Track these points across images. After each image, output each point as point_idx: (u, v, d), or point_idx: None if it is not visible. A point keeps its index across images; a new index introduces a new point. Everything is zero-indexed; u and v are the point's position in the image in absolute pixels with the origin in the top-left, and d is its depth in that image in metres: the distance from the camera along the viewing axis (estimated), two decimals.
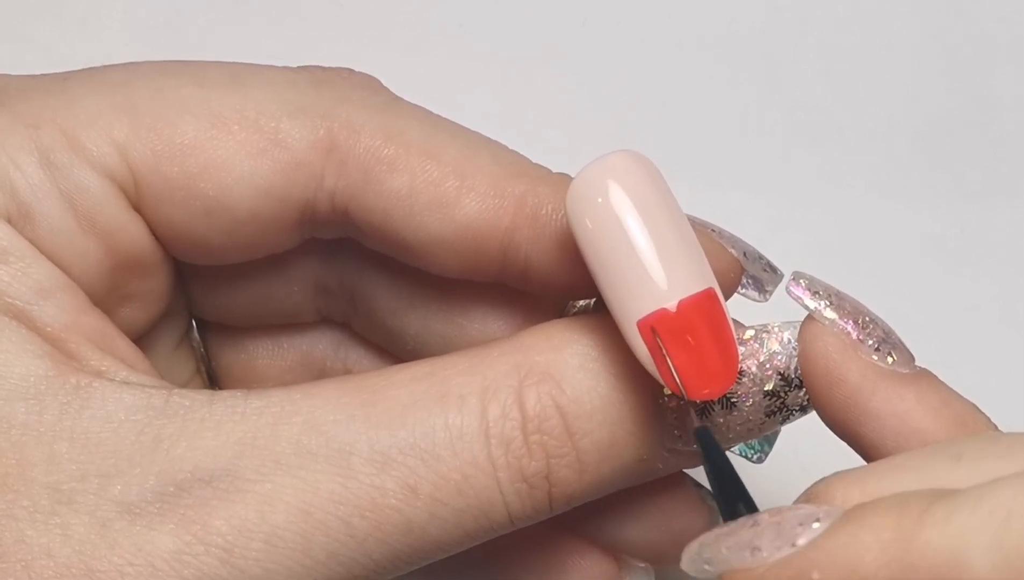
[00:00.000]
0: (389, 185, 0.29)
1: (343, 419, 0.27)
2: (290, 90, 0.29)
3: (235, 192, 0.29)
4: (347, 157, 0.29)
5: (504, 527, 0.28)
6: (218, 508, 0.26)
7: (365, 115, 0.29)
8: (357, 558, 0.27)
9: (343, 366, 0.35)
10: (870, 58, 0.43)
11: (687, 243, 0.27)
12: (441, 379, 0.28)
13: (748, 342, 0.29)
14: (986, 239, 0.42)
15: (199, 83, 0.29)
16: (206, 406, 0.27)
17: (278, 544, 0.26)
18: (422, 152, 0.29)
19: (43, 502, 0.26)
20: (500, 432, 0.27)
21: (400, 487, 0.27)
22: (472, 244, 0.29)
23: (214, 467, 0.26)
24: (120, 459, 0.26)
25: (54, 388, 0.26)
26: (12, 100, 0.28)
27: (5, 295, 0.27)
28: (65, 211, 0.28)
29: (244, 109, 0.29)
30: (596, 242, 0.27)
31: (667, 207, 0.27)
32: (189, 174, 0.28)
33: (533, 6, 0.43)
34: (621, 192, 0.27)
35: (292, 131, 0.29)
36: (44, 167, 0.28)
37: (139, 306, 0.31)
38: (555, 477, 0.28)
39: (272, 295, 0.33)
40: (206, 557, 0.26)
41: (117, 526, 0.26)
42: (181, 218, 0.29)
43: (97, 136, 0.28)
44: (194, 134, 0.28)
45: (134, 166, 0.28)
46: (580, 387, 0.28)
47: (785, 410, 0.29)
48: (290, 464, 0.26)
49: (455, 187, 0.29)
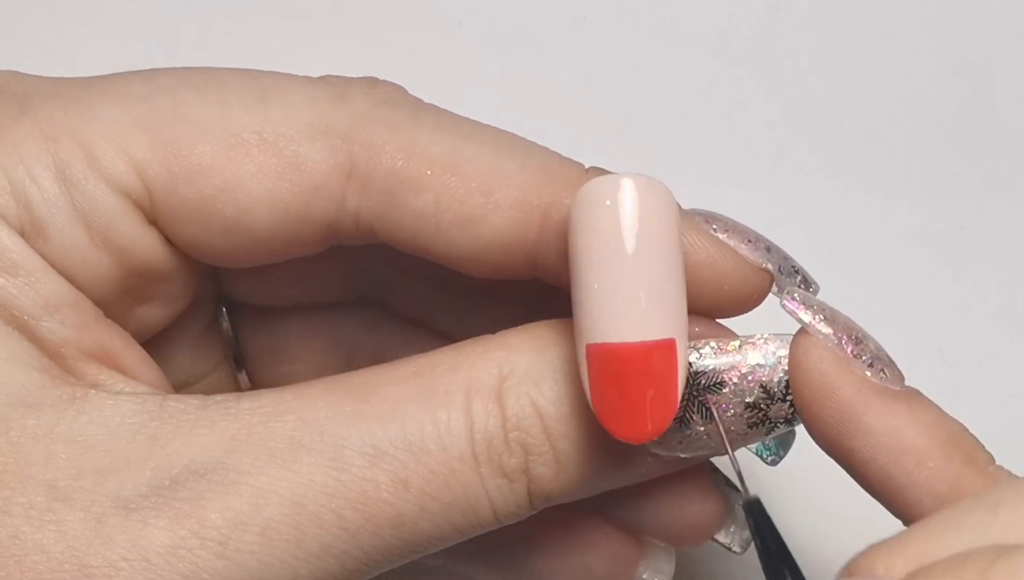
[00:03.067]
0: (414, 205, 0.29)
1: (335, 415, 0.27)
2: (311, 109, 0.29)
3: (253, 214, 0.29)
4: (369, 179, 0.29)
5: (491, 523, 0.28)
6: (212, 501, 0.26)
7: (387, 133, 0.29)
8: (349, 550, 0.27)
9: (374, 346, 0.35)
10: (870, 55, 0.43)
11: (671, 285, 0.27)
12: (429, 376, 0.28)
13: (731, 353, 0.29)
14: (986, 236, 0.42)
15: (221, 100, 0.29)
16: (200, 408, 0.27)
17: (272, 536, 0.26)
18: (446, 168, 0.29)
19: (39, 499, 0.26)
20: (483, 428, 0.28)
21: (391, 480, 0.27)
22: (500, 257, 0.29)
23: (208, 461, 0.26)
24: (116, 457, 0.26)
25: (51, 397, 0.27)
26: (35, 107, 0.28)
27: (11, 308, 0.27)
28: (78, 226, 0.28)
29: (263, 131, 0.29)
30: (587, 252, 0.27)
31: (669, 245, 0.27)
32: (205, 196, 0.28)
33: (532, 4, 0.43)
34: (632, 211, 0.27)
35: (311, 154, 0.29)
36: (60, 182, 0.28)
37: (159, 305, 0.31)
38: (533, 474, 0.28)
39: (309, 277, 0.34)
40: (201, 551, 0.26)
41: (112, 521, 0.26)
42: (199, 234, 0.29)
43: (114, 153, 0.28)
44: (212, 156, 0.28)
45: (150, 185, 0.28)
46: (559, 389, 0.28)
47: (768, 422, 0.29)
48: (284, 457, 0.27)
49: (481, 204, 0.29)
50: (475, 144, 0.29)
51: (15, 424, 0.26)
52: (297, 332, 0.35)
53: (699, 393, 0.29)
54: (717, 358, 0.29)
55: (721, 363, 0.29)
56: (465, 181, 0.29)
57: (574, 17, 0.43)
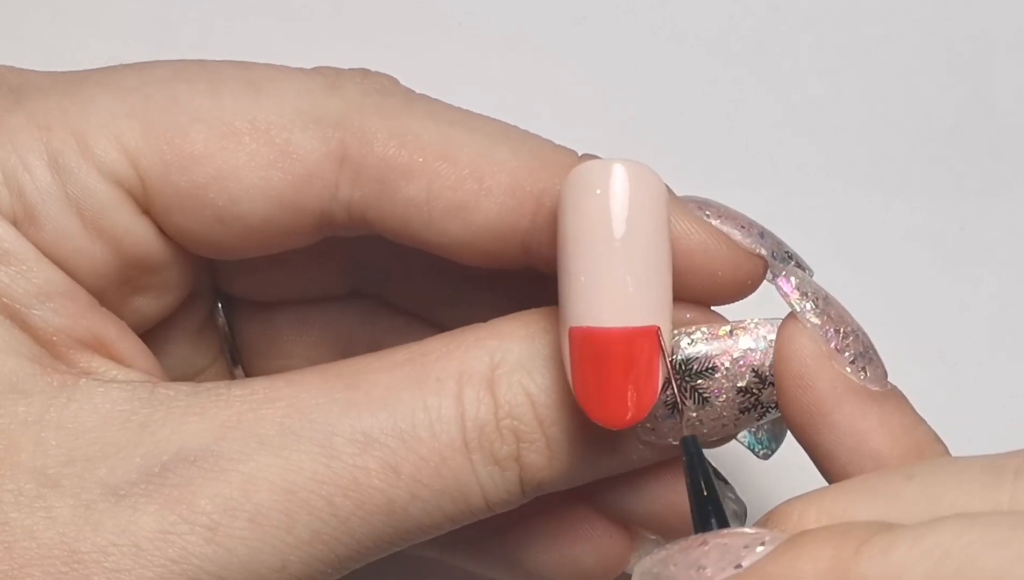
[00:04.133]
0: (406, 192, 0.29)
1: (325, 402, 0.27)
2: (303, 98, 0.29)
3: (245, 202, 0.29)
4: (361, 167, 0.29)
5: (482, 511, 0.28)
6: (202, 487, 0.26)
7: (378, 121, 0.29)
8: (340, 537, 0.27)
9: (370, 338, 0.35)
10: (870, 55, 0.43)
11: (658, 271, 0.27)
12: (420, 364, 0.28)
13: (722, 338, 0.29)
14: (986, 236, 0.42)
15: (213, 90, 0.29)
16: (191, 395, 0.27)
17: (262, 523, 0.26)
18: (438, 155, 0.29)
19: (28, 486, 0.26)
20: (475, 416, 0.28)
21: (382, 467, 0.27)
22: (493, 244, 0.29)
23: (198, 447, 0.26)
24: (106, 444, 0.26)
25: (41, 385, 0.27)
26: (30, 99, 0.28)
27: (3, 296, 0.27)
28: (72, 215, 0.28)
29: (256, 120, 0.28)
30: (574, 235, 0.27)
31: (656, 231, 0.27)
32: (198, 184, 0.28)
33: (532, 4, 0.43)
34: (621, 196, 0.27)
35: (304, 142, 0.29)
36: (53, 170, 0.28)
37: (154, 295, 0.31)
38: (524, 461, 0.28)
39: (304, 271, 0.34)
40: (191, 536, 0.26)
41: (101, 507, 0.26)
42: (192, 224, 0.29)
43: (107, 142, 0.28)
44: (204, 144, 0.28)
45: (143, 174, 0.28)
46: (551, 377, 0.28)
47: (760, 407, 0.29)
48: (273, 444, 0.27)
49: (473, 191, 0.29)
50: (467, 131, 0.29)
51: (5, 411, 0.26)
52: (293, 326, 0.35)
53: (691, 379, 0.29)
54: (708, 343, 0.29)
55: (712, 348, 0.29)
56: (457, 168, 0.29)
57: (574, 17, 0.43)
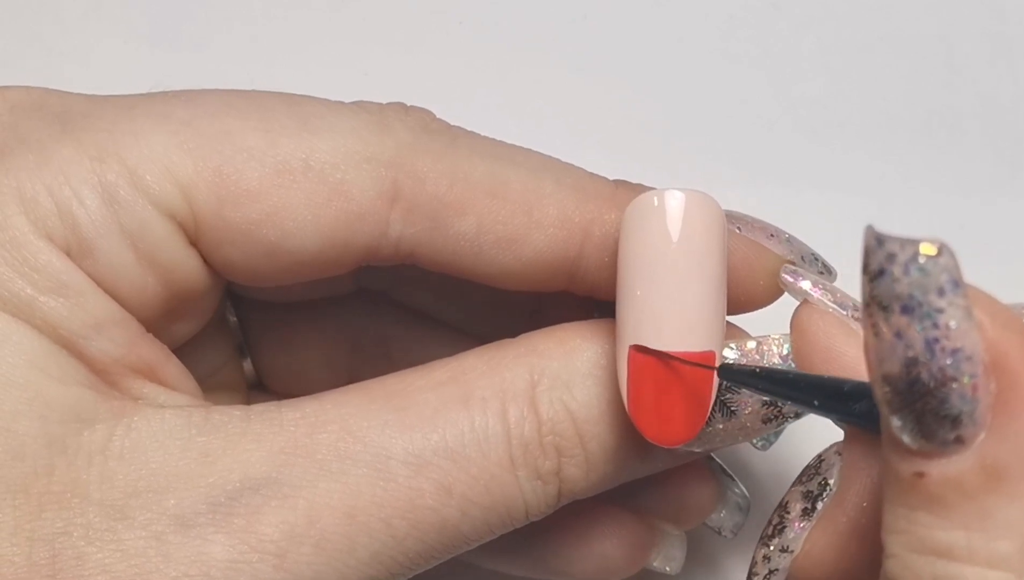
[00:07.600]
0: (457, 228, 0.30)
1: (377, 425, 0.28)
2: (354, 137, 0.29)
3: (297, 239, 0.29)
4: (413, 205, 0.29)
5: (520, 521, 0.29)
6: (268, 515, 0.27)
7: (429, 161, 0.29)
8: (396, 556, 0.28)
9: (378, 333, 0.36)
10: (870, 53, 0.43)
11: (714, 299, 0.28)
12: (463, 382, 0.29)
13: (750, 353, 0.30)
14: (986, 235, 0.42)
15: (266, 128, 0.29)
16: (244, 420, 0.28)
17: (326, 547, 0.27)
18: (487, 192, 0.29)
19: (98, 519, 0.26)
20: (520, 433, 0.28)
21: (436, 488, 0.28)
22: (541, 273, 0.30)
23: (261, 476, 0.27)
24: (170, 474, 0.27)
25: (103, 413, 0.27)
26: (77, 128, 0.28)
27: (60, 327, 0.27)
28: (125, 247, 0.28)
29: (309, 158, 0.29)
30: (639, 259, 0.28)
31: (718, 258, 0.28)
32: (251, 220, 0.29)
33: (532, 4, 0.43)
34: (689, 223, 0.28)
35: (357, 181, 0.29)
36: (107, 203, 0.28)
37: (191, 321, 0.31)
38: (565, 474, 0.29)
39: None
40: (260, 564, 0.26)
41: (171, 539, 0.26)
42: (240, 257, 0.29)
43: (161, 176, 0.28)
44: (259, 182, 0.29)
45: (196, 208, 0.29)
46: (589, 392, 0.29)
47: (781, 417, 0.30)
48: (332, 469, 0.27)
49: (523, 224, 0.30)
50: (512, 166, 0.30)
51: (71, 442, 0.27)
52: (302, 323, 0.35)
53: (720, 393, 0.29)
54: (737, 359, 0.30)
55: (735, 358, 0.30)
56: (507, 203, 0.29)
57: (574, 16, 0.43)
